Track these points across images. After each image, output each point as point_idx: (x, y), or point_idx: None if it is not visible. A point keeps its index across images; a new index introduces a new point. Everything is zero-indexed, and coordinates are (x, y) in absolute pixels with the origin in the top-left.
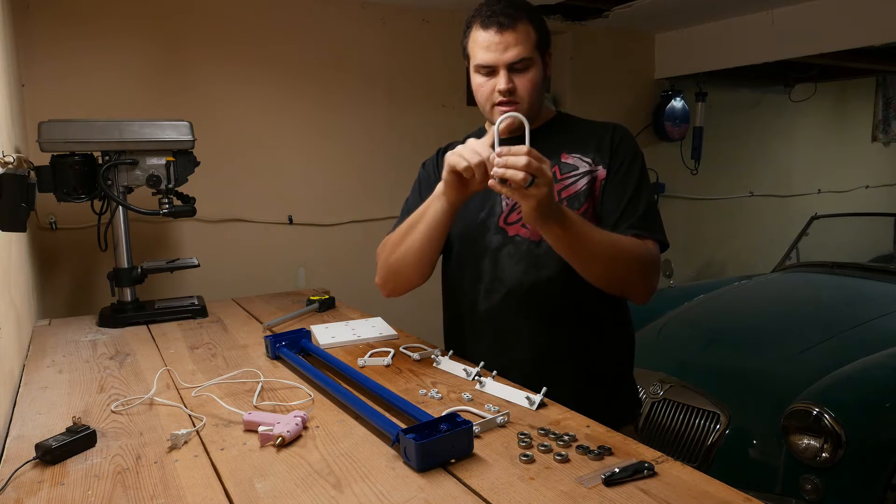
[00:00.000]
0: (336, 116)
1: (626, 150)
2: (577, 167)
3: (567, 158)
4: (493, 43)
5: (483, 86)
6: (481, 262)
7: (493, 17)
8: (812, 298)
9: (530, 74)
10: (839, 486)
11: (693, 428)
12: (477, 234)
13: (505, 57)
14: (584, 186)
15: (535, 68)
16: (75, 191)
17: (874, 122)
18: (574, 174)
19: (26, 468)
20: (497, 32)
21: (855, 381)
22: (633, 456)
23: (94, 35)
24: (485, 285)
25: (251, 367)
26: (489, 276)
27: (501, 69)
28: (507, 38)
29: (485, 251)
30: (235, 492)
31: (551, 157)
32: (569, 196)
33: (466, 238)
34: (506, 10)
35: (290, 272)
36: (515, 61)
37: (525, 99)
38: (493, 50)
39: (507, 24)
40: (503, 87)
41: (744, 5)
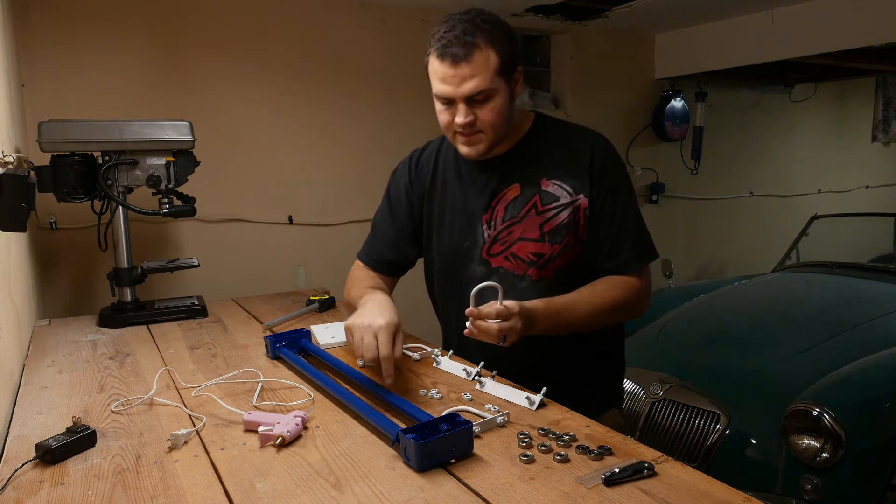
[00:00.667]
0: (336, 116)
1: (609, 176)
2: (557, 197)
3: (547, 186)
4: (447, 76)
5: (443, 113)
6: (465, 292)
7: (447, 48)
8: (812, 298)
9: (491, 104)
10: (839, 486)
11: (693, 428)
12: (460, 263)
13: (461, 91)
14: (567, 219)
15: (497, 97)
16: (75, 191)
17: (874, 122)
18: (555, 206)
19: (26, 468)
20: (451, 66)
21: (855, 381)
22: (633, 456)
23: (94, 35)
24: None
25: (251, 367)
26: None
27: (460, 102)
28: (462, 70)
29: (469, 281)
30: (235, 492)
31: (532, 185)
32: (551, 229)
33: (451, 264)
34: (461, 39)
35: (290, 272)
36: (473, 93)
37: (488, 128)
38: (448, 83)
39: (462, 56)
40: (462, 120)
41: (744, 5)
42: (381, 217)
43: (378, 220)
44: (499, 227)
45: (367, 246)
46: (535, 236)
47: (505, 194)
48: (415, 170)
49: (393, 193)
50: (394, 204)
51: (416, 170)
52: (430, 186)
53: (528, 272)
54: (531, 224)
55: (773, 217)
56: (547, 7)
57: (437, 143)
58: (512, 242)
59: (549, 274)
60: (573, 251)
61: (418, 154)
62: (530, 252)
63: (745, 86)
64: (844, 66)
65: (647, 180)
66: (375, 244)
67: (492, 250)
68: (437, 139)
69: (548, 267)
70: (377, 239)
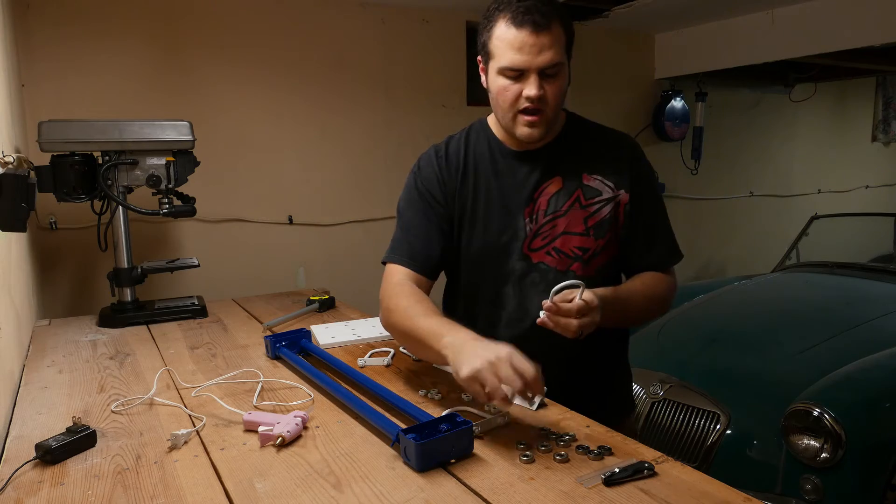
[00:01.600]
0: (336, 116)
1: (646, 174)
2: (600, 192)
3: (589, 181)
4: (526, 44)
5: (507, 90)
6: (503, 288)
7: (527, 15)
8: (812, 298)
9: (559, 81)
10: (839, 486)
11: (693, 428)
12: (498, 259)
13: (538, 60)
14: (608, 214)
15: (563, 74)
16: (75, 191)
17: (874, 122)
18: (598, 200)
19: (26, 468)
20: (532, 33)
21: (855, 381)
22: (633, 456)
23: (94, 35)
24: (507, 313)
25: (251, 367)
26: (512, 305)
27: (533, 74)
28: (542, 39)
29: (507, 277)
30: (235, 492)
31: (573, 179)
32: (594, 224)
33: (486, 261)
34: (541, 8)
35: (290, 272)
36: (548, 66)
37: (552, 107)
38: (526, 52)
39: (543, 25)
40: (534, 93)
41: (744, 5)
42: (417, 218)
43: (412, 221)
44: (541, 220)
45: (406, 249)
46: (581, 230)
47: (546, 187)
48: (444, 164)
49: (424, 191)
50: (428, 203)
51: (444, 163)
52: (462, 178)
53: (573, 267)
54: (576, 218)
55: (773, 217)
56: None
57: (461, 135)
58: (555, 237)
59: (591, 271)
60: (613, 247)
61: (444, 148)
62: (574, 246)
63: (745, 86)
64: (844, 66)
65: None
66: (417, 245)
67: (533, 244)
68: (460, 133)
69: (591, 263)
70: (417, 239)
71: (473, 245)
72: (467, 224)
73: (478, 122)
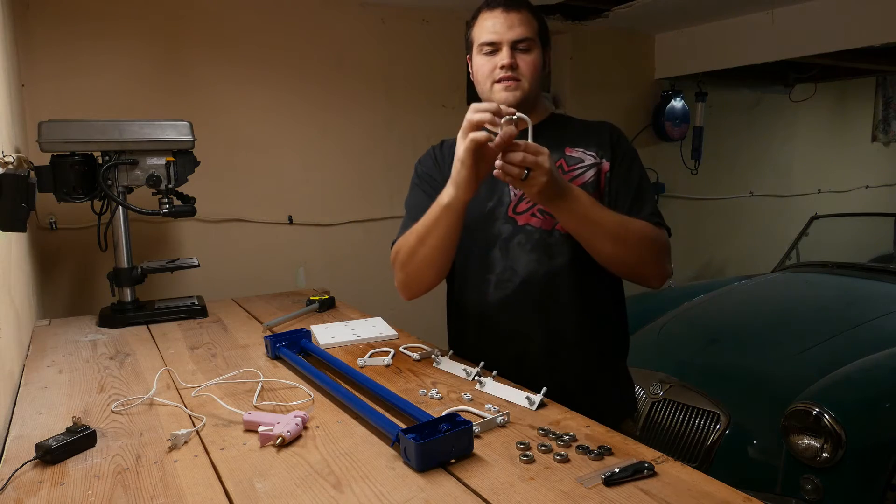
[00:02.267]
0: (336, 116)
1: (625, 146)
2: (582, 160)
3: (571, 152)
4: (497, 21)
5: (484, 65)
6: (490, 252)
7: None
8: (812, 298)
9: (532, 56)
10: (839, 486)
11: (693, 428)
12: (485, 224)
13: (509, 35)
14: (592, 178)
15: (536, 51)
16: (75, 191)
17: (874, 122)
18: (580, 166)
19: (26, 468)
20: (503, 12)
21: (855, 381)
22: (633, 456)
23: (94, 35)
24: (496, 275)
25: (251, 367)
26: (500, 266)
27: (505, 46)
28: (511, 17)
29: (494, 241)
30: (235, 492)
31: (554, 150)
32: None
33: (474, 228)
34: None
35: (290, 272)
36: (519, 39)
37: (526, 77)
38: (497, 28)
39: (513, 6)
40: (506, 61)
41: (744, 5)
42: (419, 199)
43: (414, 202)
44: None
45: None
46: None
47: None
48: (440, 151)
49: (423, 177)
50: (428, 183)
51: (440, 151)
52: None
53: (557, 226)
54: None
55: (773, 217)
56: (547, 7)
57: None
58: None
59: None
60: None
61: (440, 143)
62: None
63: (745, 86)
64: (844, 66)
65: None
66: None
67: (518, 208)
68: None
69: None
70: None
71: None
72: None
73: None
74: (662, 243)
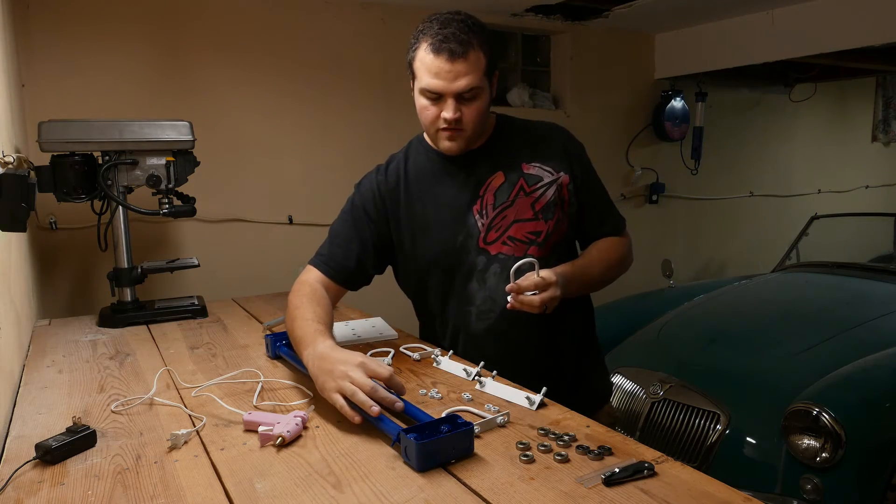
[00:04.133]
0: (336, 116)
1: (578, 154)
2: (541, 178)
3: (529, 169)
4: (442, 70)
5: (428, 109)
6: (468, 285)
7: (445, 43)
8: (812, 298)
9: (478, 103)
10: (839, 486)
11: (693, 428)
12: (458, 258)
13: (454, 87)
14: (553, 196)
15: (483, 96)
16: (75, 191)
17: (874, 122)
18: (541, 185)
19: (26, 468)
20: (448, 60)
21: (855, 381)
22: (633, 456)
23: (94, 35)
24: (476, 307)
25: (251, 367)
26: (480, 298)
27: (450, 97)
28: (457, 67)
29: (470, 274)
30: (235, 492)
31: (513, 170)
32: (541, 207)
33: (446, 264)
34: (458, 36)
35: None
36: (464, 91)
37: (470, 127)
38: (442, 78)
39: (459, 53)
40: (450, 116)
41: (744, 5)
42: (344, 229)
43: (339, 230)
44: (491, 214)
45: (326, 254)
46: (530, 216)
47: (490, 182)
48: (384, 180)
49: (358, 206)
50: (359, 218)
51: (384, 180)
52: (405, 192)
53: (529, 251)
54: (523, 205)
55: (773, 217)
56: (547, 7)
57: (401, 153)
58: (507, 226)
59: (547, 251)
60: (563, 225)
61: (384, 166)
62: (528, 232)
63: (745, 86)
64: (844, 66)
65: (647, 180)
66: (336, 253)
67: (488, 238)
68: (400, 151)
69: (546, 243)
70: (338, 248)
71: (430, 251)
72: (420, 233)
73: (415, 138)
74: (629, 248)
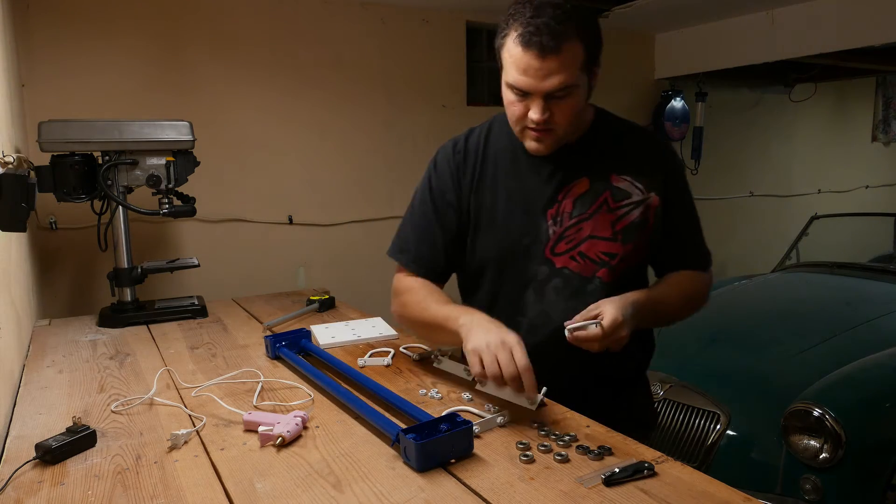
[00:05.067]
0: (336, 116)
1: (678, 175)
2: (630, 194)
3: (618, 182)
4: (531, 67)
5: (515, 104)
6: (523, 294)
7: (535, 36)
8: (812, 298)
9: (571, 101)
10: (839, 486)
11: (693, 428)
12: (519, 263)
13: (543, 85)
14: (638, 217)
15: (577, 93)
16: (75, 191)
17: (874, 122)
18: (628, 203)
19: (26, 468)
20: (538, 56)
21: (855, 381)
22: (633, 456)
23: (94, 35)
24: (528, 319)
25: (251, 367)
26: (534, 311)
27: (538, 97)
28: (549, 64)
29: (528, 282)
30: (235, 492)
31: (601, 180)
32: (623, 227)
33: (506, 265)
34: (552, 28)
35: (290, 272)
36: (555, 90)
37: (561, 127)
38: (530, 75)
39: (551, 48)
40: (538, 117)
41: (744, 5)
42: (425, 220)
43: (421, 222)
44: (566, 223)
45: (413, 252)
46: (608, 234)
47: (572, 188)
48: (462, 159)
49: (437, 192)
50: (440, 205)
51: (462, 159)
52: (481, 175)
53: (598, 273)
54: (603, 221)
55: (773, 217)
56: None
57: (482, 129)
58: (581, 241)
59: (616, 276)
60: (643, 252)
61: (462, 141)
62: (601, 251)
63: (745, 86)
64: (844, 66)
65: None
66: (424, 251)
67: (556, 248)
68: (481, 126)
69: (618, 268)
70: (424, 244)
71: (492, 248)
72: (485, 224)
73: (501, 115)
74: (708, 286)
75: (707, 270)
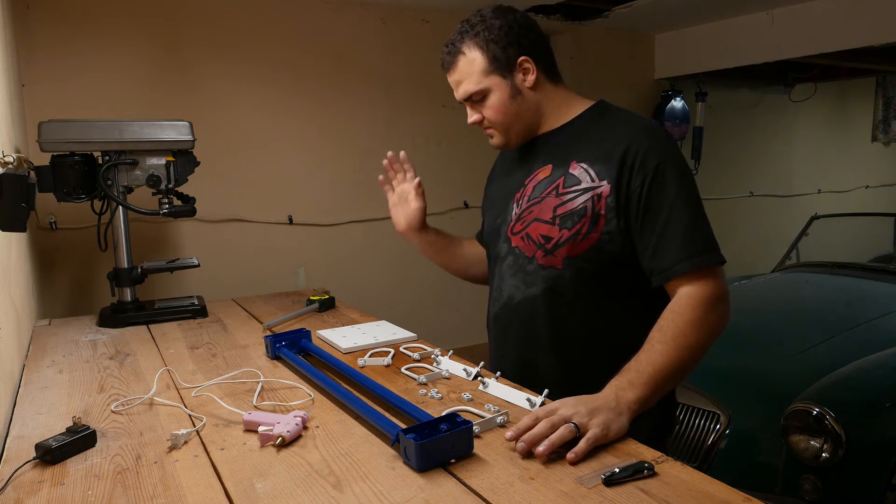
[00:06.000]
0: (336, 116)
1: (650, 163)
2: (579, 181)
3: (574, 169)
4: (450, 82)
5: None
6: (494, 269)
7: (443, 55)
8: (812, 298)
9: (490, 102)
10: (839, 486)
11: (693, 428)
12: (494, 239)
13: (458, 94)
14: (581, 205)
15: (493, 94)
16: (75, 191)
17: (874, 122)
18: (575, 189)
19: (26, 468)
20: (447, 72)
21: (855, 381)
22: (633, 456)
23: (94, 35)
24: (493, 291)
25: (251, 367)
26: (495, 284)
27: (466, 104)
28: (453, 77)
29: (496, 258)
30: (235, 492)
31: (561, 167)
32: (563, 213)
33: (489, 241)
34: (449, 46)
35: (290, 272)
36: (467, 98)
37: (497, 124)
38: (453, 87)
39: (449, 63)
40: (469, 122)
41: (744, 5)
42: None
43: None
44: (524, 205)
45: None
46: (548, 218)
47: (538, 174)
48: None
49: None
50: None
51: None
52: (496, 168)
53: (536, 254)
54: (547, 206)
55: (773, 217)
56: (547, 7)
57: None
58: (529, 222)
59: (556, 262)
60: (586, 241)
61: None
62: (540, 234)
63: (745, 86)
64: (844, 66)
65: None
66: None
67: (514, 229)
68: None
69: (555, 253)
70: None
71: (486, 230)
72: (486, 211)
73: None
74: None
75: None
